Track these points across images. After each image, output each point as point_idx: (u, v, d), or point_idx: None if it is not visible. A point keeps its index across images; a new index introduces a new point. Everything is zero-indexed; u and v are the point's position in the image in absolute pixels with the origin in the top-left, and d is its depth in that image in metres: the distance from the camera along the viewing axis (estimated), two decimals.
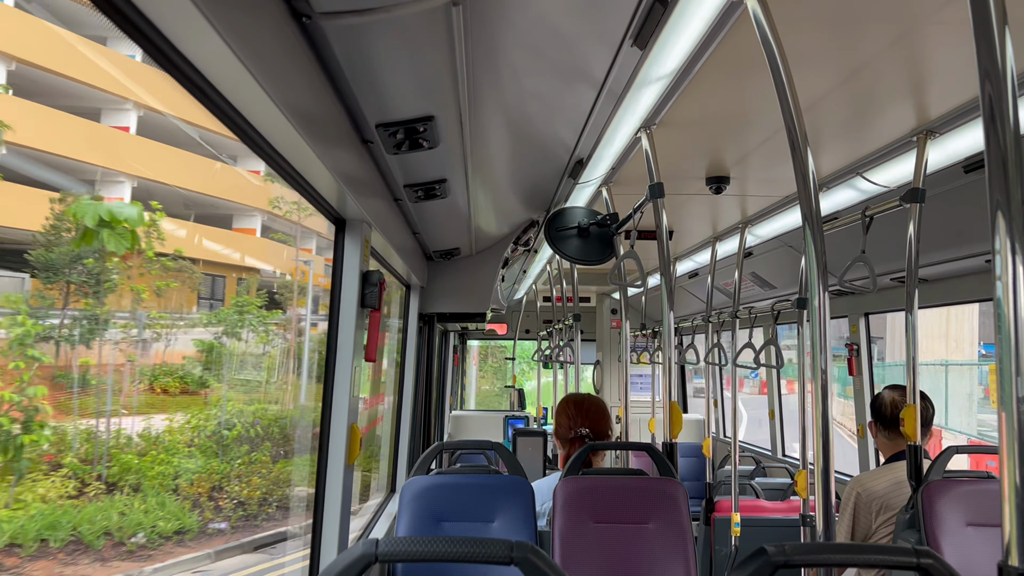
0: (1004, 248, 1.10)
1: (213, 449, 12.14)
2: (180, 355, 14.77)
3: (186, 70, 1.19)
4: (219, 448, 12.18)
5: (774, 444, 6.34)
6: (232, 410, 13.44)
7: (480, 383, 21.89)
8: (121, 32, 1.06)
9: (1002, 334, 1.11)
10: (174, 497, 10.88)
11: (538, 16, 1.65)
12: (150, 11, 1.04)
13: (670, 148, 3.01)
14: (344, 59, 1.53)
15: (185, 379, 14.43)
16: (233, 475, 11.75)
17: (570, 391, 5.61)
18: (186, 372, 14.57)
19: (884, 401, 3.16)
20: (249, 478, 11.83)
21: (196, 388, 14.46)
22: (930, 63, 2.17)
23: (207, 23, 1.02)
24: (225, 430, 12.45)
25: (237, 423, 12.74)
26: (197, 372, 14.65)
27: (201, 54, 1.14)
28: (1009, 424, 1.10)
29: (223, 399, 13.99)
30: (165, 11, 1.03)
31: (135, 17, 1.04)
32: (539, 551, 1.13)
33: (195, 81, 1.23)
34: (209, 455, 11.97)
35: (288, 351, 17.01)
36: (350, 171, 2.00)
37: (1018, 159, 1.10)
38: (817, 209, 1.69)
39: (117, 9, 1.01)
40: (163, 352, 14.47)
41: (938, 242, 3.32)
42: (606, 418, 3.21)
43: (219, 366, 15.04)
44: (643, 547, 2.66)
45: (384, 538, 1.14)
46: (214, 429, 12.44)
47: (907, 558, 1.11)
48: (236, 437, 12.45)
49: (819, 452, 1.65)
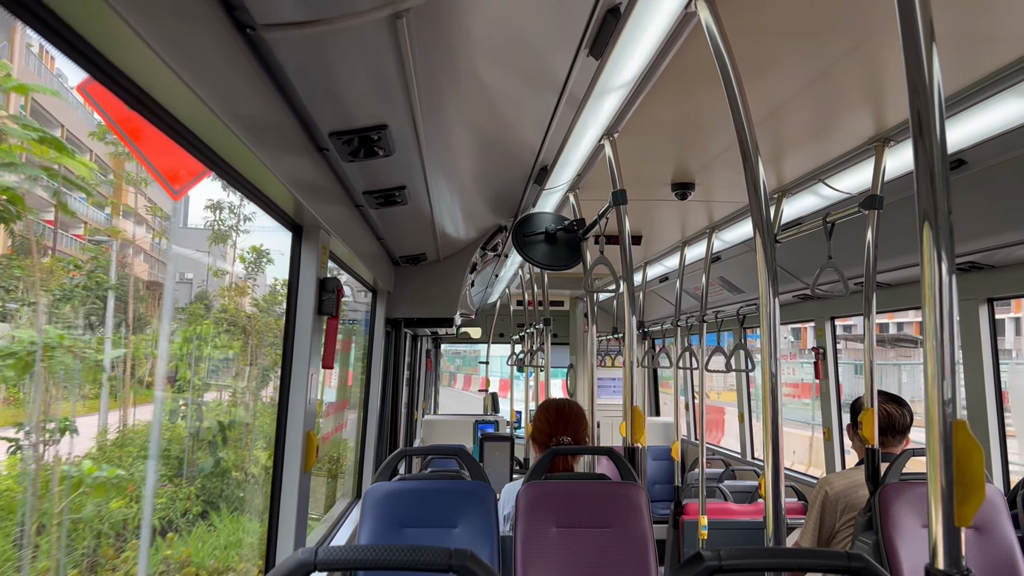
0: (931, 257, 1.12)
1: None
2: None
3: (123, 83, 1.17)
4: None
5: (743, 447, 6.38)
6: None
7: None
8: (53, 47, 1.04)
9: (928, 339, 1.13)
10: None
11: (492, 25, 1.65)
12: (85, 30, 1.02)
13: (635, 155, 3.02)
14: (293, 69, 1.52)
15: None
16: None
17: (541, 395, 5.60)
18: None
19: (861, 405, 3.19)
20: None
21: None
22: (885, 73, 2.19)
23: (135, 35, 1.01)
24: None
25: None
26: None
27: (134, 65, 1.13)
28: (935, 428, 1.12)
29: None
30: (98, 28, 1.02)
31: (70, 36, 1.02)
32: (478, 559, 1.13)
33: (133, 93, 1.21)
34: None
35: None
36: (304, 178, 1.98)
37: (944, 171, 1.12)
38: (768, 218, 1.70)
39: (46, 24, 0.99)
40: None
41: (898, 247, 3.36)
42: (585, 424, 3.22)
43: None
44: (605, 551, 2.67)
45: (324, 546, 1.13)
46: None
47: (839, 562, 1.12)
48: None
49: (768, 455, 1.65)
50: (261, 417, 6.05)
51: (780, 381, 1.72)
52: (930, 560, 1.12)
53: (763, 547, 1.20)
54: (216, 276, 8.92)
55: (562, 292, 8.81)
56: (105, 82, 1.15)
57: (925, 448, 2.70)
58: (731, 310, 5.61)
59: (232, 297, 9.13)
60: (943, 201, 1.12)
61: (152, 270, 8.13)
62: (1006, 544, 2.59)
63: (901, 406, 3.08)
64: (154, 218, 8.26)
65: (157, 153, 3.02)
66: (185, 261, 9.18)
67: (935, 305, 1.12)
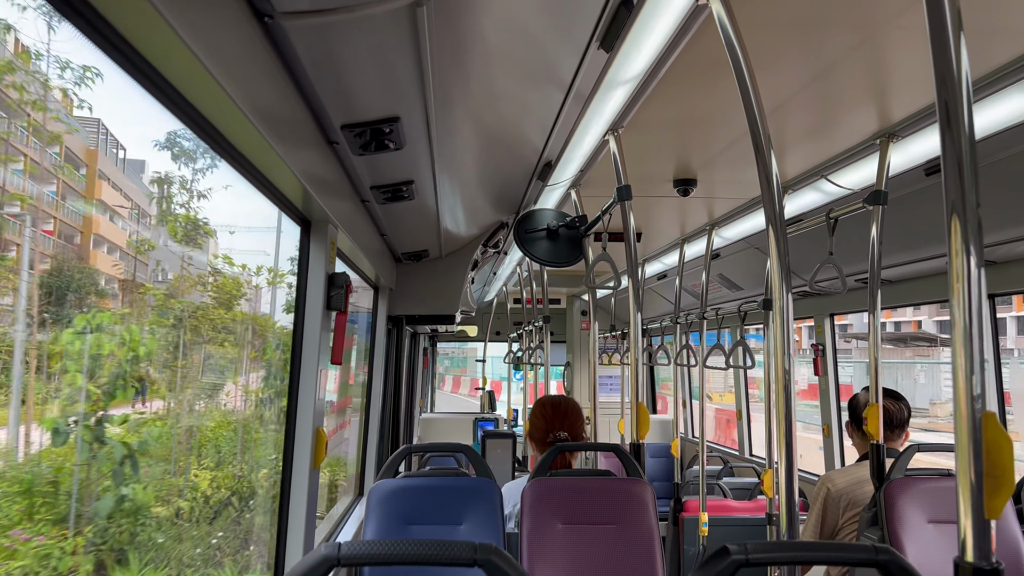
0: (959, 249, 1.12)
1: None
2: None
3: (144, 68, 1.17)
4: None
5: (741, 444, 6.40)
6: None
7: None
8: (78, 30, 1.04)
9: (956, 332, 1.13)
10: None
11: (504, 17, 1.65)
12: (108, 11, 1.01)
13: (638, 150, 3.02)
14: (308, 59, 1.51)
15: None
16: None
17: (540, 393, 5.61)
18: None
19: (859, 402, 3.20)
20: None
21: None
22: (891, 67, 2.20)
23: (164, 22, 1.00)
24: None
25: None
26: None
27: (158, 53, 1.12)
28: (964, 421, 1.12)
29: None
30: (122, 10, 1.01)
31: (93, 17, 1.02)
32: (503, 552, 1.12)
33: (153, 79, 1.21)
34: None
35: None
36: (315, 172, 1.97)
37: (972, 163, 1.12)
38: (781, 212, 1.71)
39: (74, 8, 0.99)
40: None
41: (901, 243, 3.37)
42: (582, 420, 3.23)
43: None
44: (611, 548, 2.67)
45: (347, 541, 1.13)
46: None
47: (866, 555, 1.12)
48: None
49: (783, 451, 1.66)
50: (219, 428, 5.17)
51: (793, 377, 1.72)
52: (959, 553, 1.12)
53: (790, 541, 1.20)
54: (138, 252, 7.97)
55: (559, 290, 8.81)
56: (121, 62, 1.14)
57: (931, 444, 2.68)
58: (730, 307, 5.62)
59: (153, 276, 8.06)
60: (971, 193, 1.12)
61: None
62: (1011, 538, 2.61)
63: (898, 401, 3.10)
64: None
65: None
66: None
67: (963, 299, 1.12)
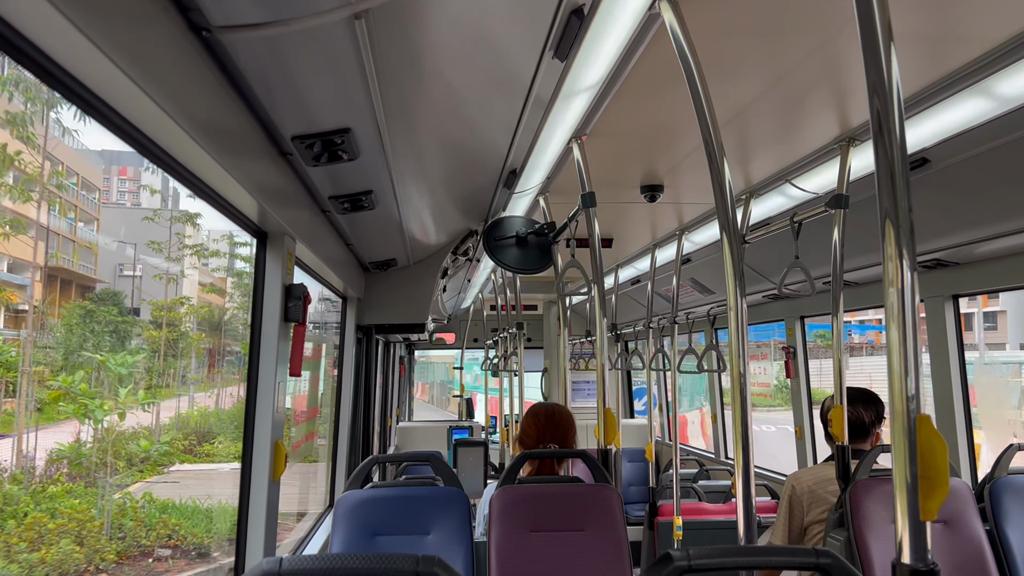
0: (892, 254, 1.13)
1: None
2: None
3: (72, 85, 1.14)
4: None
5: (716, 447, 6.42)
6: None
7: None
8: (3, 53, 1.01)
9: (891, 335, 1.13)
10: None
11: (455, 26, 1.63)
12: (28, 30, 0.99)
13: (604, 157, 3.02)
14: (253, 72, 1.49)
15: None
16: None
17: (515, 400, 5.59)
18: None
19: (825, 405, 3.21)
20: None
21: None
22: (848, 73, 2.21)
23: (84, 38, 0.98)
24: None
25: None
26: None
27: (85, 69, 1.10)
28: (900, 423, 1.12)
29: None
30: (42, 30, 0.99)
31: (11, 35, 0.99)
32: (446, 564, 1.11)
33: (84, 97, 1.18)
34: None
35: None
36: (268, 183, 1.95)
37: (904, 171, 1.13)
38: (734, 219, 1.71)
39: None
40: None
41: (867, 245, 3.39)
42: (574, 430, 3.19)
43: None
44: (579, 554, 2.66)
45: (289, 556, 1.11)
46: None
47: (808, 559, 1.12)
48: None
49: (739, 454, 1.66)
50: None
51: (748, 381, 1.73)
52: (896, 555, 1.13)
53: (733, 546, 1.20)
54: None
55: (535, 296, 8.80)
56: (56, 87, 1.12)
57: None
58: (702, 311, 5.63)
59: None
60: (904, 200, 1.13)
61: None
62: (974, 538, 2.62)
63: (869, 404, 3.11)
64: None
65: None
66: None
67: (898, 301, 1.13)
